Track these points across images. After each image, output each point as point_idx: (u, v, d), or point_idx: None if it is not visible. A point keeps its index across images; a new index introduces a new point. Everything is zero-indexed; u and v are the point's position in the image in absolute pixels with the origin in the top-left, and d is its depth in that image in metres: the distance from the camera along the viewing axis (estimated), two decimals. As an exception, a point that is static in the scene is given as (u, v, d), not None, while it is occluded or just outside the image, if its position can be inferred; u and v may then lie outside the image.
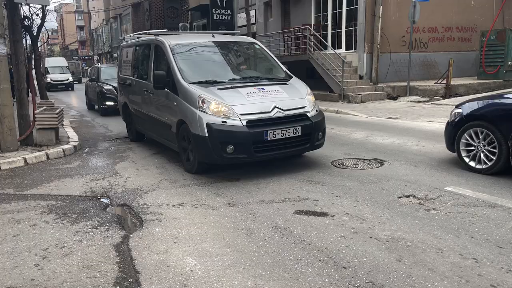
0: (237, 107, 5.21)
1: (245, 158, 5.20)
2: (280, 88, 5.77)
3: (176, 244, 3.50)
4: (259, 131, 5.11)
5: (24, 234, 3.86)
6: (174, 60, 6.06)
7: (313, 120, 5.55)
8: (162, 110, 6.44)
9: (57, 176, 5.96)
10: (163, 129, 6.49)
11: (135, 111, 7.85)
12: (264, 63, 7.01)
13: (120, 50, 8.96)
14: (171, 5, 36.68)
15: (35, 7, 12.79)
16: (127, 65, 8.30)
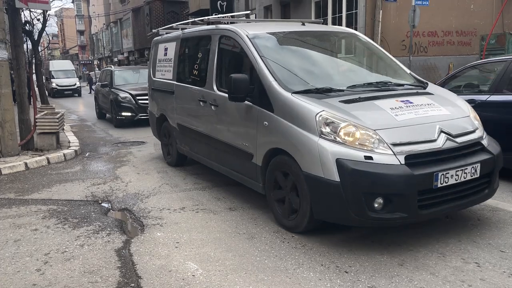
0: (385, 132, 3.32)
1: (404, 219, 3.22)
2: (432, 101, 3.84)
3: (177, 249, 3.50)
4: (426, 172, 3.18)
5: (25, 239, 3.85)
6: (261, 58, 4.13)
7: (493, 152, 3.64)
8: (235, 130, 4.50)
9: (58, 181, 5.96)
10: (234, 157, 4.57)
11: (181, 127, 5.82)
12: (381, 62, 5.14)
13: (153, 47, 6.99)
14: (171, 10, 36.80)
15: (36, 12, 12.88)
16: (166, 65, 6.33)
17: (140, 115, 11.06)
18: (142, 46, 40.46)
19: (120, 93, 11.47)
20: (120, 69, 13.92)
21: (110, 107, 11.95)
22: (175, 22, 28.73)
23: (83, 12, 67.83)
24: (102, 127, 12.10)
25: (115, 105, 11.39)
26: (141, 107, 10.94)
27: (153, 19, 36.80)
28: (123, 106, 11.18)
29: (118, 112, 11.29)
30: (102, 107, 13.40)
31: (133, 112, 11.09)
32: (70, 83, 29.99)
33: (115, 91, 11.72)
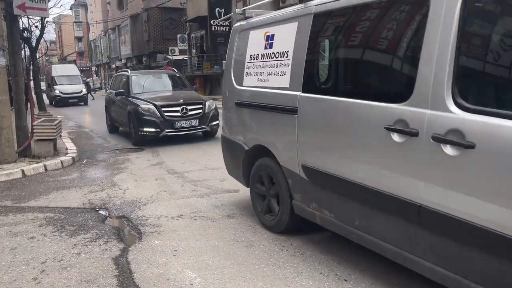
0: None
1: None
2: None
3: (175, 257, 3.47)
4: None
5: (22, 247, 3.82)
6: None
7: None
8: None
9: (55, 188, 5.93)
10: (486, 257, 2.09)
11: (314, 174, 3.25)
12: None
13: (235, 37, 4.50)
14: (169, 17, 36.95)
15: (34, 19, 12.90)
16: (272, 64, 3.72)
17: (167, 132, 8.97)
18: (140, 53, 40.58)
19: (140, 103, 9.25)
20: (138, 74, 11.54)
21: (127, 120, 9.67)
22: (173, 28, 28.28)
23: (81, 18, 67.99)
24: (100, 134, 12.04)
25: (135, 119, 9.10)
26: (167, 121, 8.96)
27: (151, 26, 36.93)
28: (145, 120, 8.93)
29: (138, 127, 9.02)
30: (116, 119, 11.15)
31: (157, 128, 8.92)
32: (75, 90, 26.41)
33: (134, 101, 9.51)
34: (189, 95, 10.09)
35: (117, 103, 10.68)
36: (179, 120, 9.01)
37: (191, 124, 9.09)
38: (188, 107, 9.16)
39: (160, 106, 9.07)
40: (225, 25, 23.26)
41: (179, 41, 30.68)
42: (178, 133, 9.08)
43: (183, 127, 9.06)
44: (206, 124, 9.31)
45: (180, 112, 9.03)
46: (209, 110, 9.42)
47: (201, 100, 9.72)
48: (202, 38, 27.16)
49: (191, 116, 9.13)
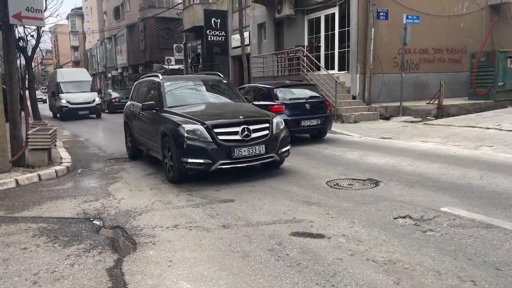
0: None
1: None
2: None
3: (170, 268, 3.44)
4: None
5: (15, 258, 3.77)
6: None
7: None
8: None
9: (49, 198, 5.87)
10: None
11: None
12: None
13: None
14: (165, 26, 37.12)
15: (30, 28, 12.89)
16: None
17: (221, 163, 6.07)
18: (136, 62, 40.64)
19: (182, 121, 6.39)
20: (172, 79, 8.20)
21: (160, 145, 6.85)
22: (169, 38, 28.40)
23: (77, 28, 68.12)
24: (95, 143, 11.96)
25: (174, 144, 6.27)
26: (222, 148, 6.06)
27: (147, 36, 37.06)
28: (189, 147, 6.08)
29: (180, 157, 6.16)
30: (140, 141, 8.29)
31: (208, 158, 6.03)
32: (86, 100, 21.83)
33: (170, 118, 6.69)
34: (248, 109, 7.17)
35: (142, 119, 7.89)
36: (238, 146, 6.07)
37: (255, 151, 6.15)
38: (251, 127, 6.25)
39: (211, 126, 6.14)
40: (221, 35, 23.37)
41: (175, 51, 30.76)
42: (237, 166, 6.16)
43: (244, 157, 6.10)
44: (275, 151, 6.39)
45: (240, 135, 6.11)
46: (278, 130, 6.54)
47: (266, 116, 6.70)
48: (198, 48, 27.26)
49: (256, 140, 6.21)
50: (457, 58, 16.56)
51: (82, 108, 21.67)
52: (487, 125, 10.66)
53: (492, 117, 11.98)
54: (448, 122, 12.05)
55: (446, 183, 5.73)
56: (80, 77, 23.55)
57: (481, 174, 6.08)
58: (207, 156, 6.03)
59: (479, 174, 6.09)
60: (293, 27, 18.15)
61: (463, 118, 12.47)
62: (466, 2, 16.36)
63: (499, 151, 7.74)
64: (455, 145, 8.66)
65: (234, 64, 23.61)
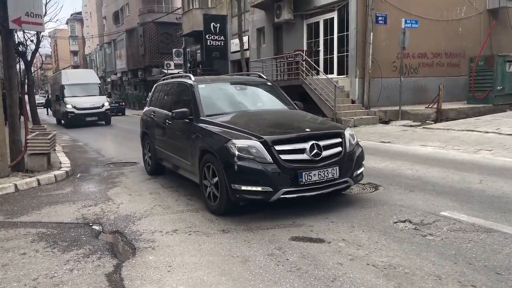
0: None
1: None
2: None
3: (169, 273, 3.43)
4: None
5: (14, 263, 3.75)
6: None
7: None
8: None
9: (48, 203, 5.86)
10: None
11: None
12: None
13: None
14: (165, 31, 37.24)
15: (29, 33, 12.93)
16: None
17: (286, 192, 4.57)
18: (136, 67, 40.73)
19: (229, 135, 4.88)
20: (208, 81, 6.50)
21: (199, 164, 5.30)
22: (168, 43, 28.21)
23: (77, 33, 68.29)
24: (94, 147, 11.95)
25: (222, 166, 4.74)
26: (286, 170, 4.56)
27: (146, 40, 37.16)
28: (243, 170, 4.57)
29: (229, 183, 4.65)
30: (164, 156, 6.89)
31: (268, 185, 4.52)
32: (95, 104, 19.51)
33: (212, 131, 5.19)
34: (311, 118, 5.79)
35: (169, 130, 6.53)
36: (307, 169, 4.58)
37: (327, 175, 4.66)
38: (321, 143, 4.75)
39: (271, 141, 4.62)
40: (220, 39, 23.43)
41: (174, 55, 30.86)
42: (305, 194, 4.63)
43: (314, 183, 4.61)
44: (349, 174, 4.91)
45: (307, 153, 4.63)
46: (351, 146, 5.07)
47: (337, 128, 5.30)
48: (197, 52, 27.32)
49: (327, 159, 4.73)
50: (456, 62, 16.61)
51: (90, 114, 19.29)
52: (486, 129, 10.67)
53: (491, 121, 11.99)
54: (447, 126, 12.06)
55: (445, 187, 5.73)
56: (87, 79, 21.05)
57: (481, 178, 6.08)
58: (266, 182, 4.48)
59: (478, 178, 6.09)
60: (292, 31, 18.20)
61: (462, 122, 12.49)
62: (464, 7, 16.43)
63: (499, 155, 7.75)
64: (455, 149, 8.67)
65: (233, 68, 23.66)
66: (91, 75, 22.33)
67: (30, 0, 7.41)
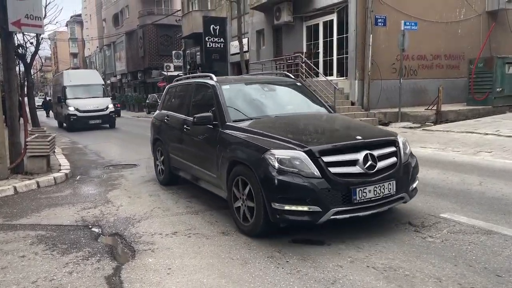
0: None
1: None
2: None
3: (169, 275, 3.42)
4: None
5: (13, 266, 3.74)
6: None
7: None
8: None
9: (48, 205, 5.85)
10: None
11: None
12: None
13: None
14: (164, 33, 37.30)
15: (29, 35, 12.94)
16: None
17: (337, 211, 3.86)
18: (135, 69, 40.78)
19: (265, 144, 4.19)
20: (232, 83, 5.71)
21: (227, 177, 4.62)
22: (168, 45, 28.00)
23: (76, 35, 68.37)
24: (94, 149, 11.94)
25: (259, 181, 4.02)
26: (338, 186, 3.88)
27: (146, 42, 37.20)
28: (286, 186, 3.87)
29: (271, 201, 3.91)
30: (181, 166, 6.16)
31: (316, 203, 3.81)
32: (98, 106, 18.60)
33: (243, 139, 4.52)
34: (358, 125, 5.17)
35: (188, 137, 5.78)
36: (361, 184, 3.92)
37: (383, 191, 4.00)
38: (375, 153, 4.10)
39: (318, 152, 3.95)
40: (220, 42, 23.46)
41: (174, 57, 30.88)
42: (359, 214, 3.96)
43: (369, 200, 3.95)
44: (405, 188, 4.26)
45: (360, 165, 3.98)
46: (406, 156, 4.44)
47: (389, 135, 4.59)
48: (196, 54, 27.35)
49: (382, 172, 4.07)
50: (455, 64, 16.62)
51: (94, 117, 18.38)
52: (485, 131, 10.67)
53: (490, 123, 12.00)
54: (446, 128, 12.07)
55: (445, 189, 5.72)
56: (90, 80, 20.06)
57: (481, 180, 6.08)
58: (314, 201, 3.79)
59: (478, 180, 6.09)
60: (291, 33, 18.22)
61: (461, 124, 12.49)
62: (463, 9, 16.45)
63: (498, 157, 7.75)
64: (454, 151, 8.67)
65: (233, 70, 23.68)
66: (94, 76, 21.33)
67: (30, 3, 7.41)
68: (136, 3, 39.11)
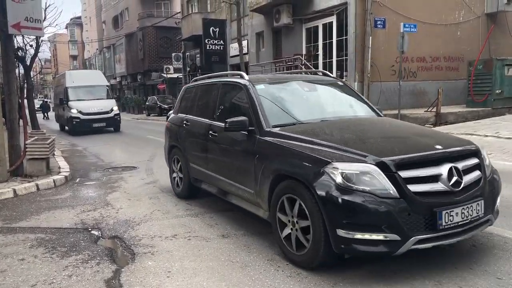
0: None
1: None
2: None
3: (169, 279, 3.41)
4: None
5: (12, 269, 3.74)
6: None
7: None
8: None
9: (47, 208, 5.84)
10: None
11: None
12: None
13: None
14: (164, 35, 37.33)
15: (29, 38, 12.97)
16: None
17: (420, 240, 3.11)
18: (135, 71, 40.80)
19: (323, 155, 3.38)
20: (267, 83, 4.86)
21: (268, 194, 3.87)
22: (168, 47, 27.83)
23: (76, 37, 68.41)
24: (93, 152, 11.94)
25: (321, 201, 3.19)
26: (420, 207, 3.12)
27: (146, 45, 37.22)
28: (355, 208, 3.09)
29: (335, 227, 3.13)
30: (206, 177, 5.35)
31: (393, 230, 3.06)
32: (102, 109, 17.71)
33: (294, 149, 3.66)
34: (430, 132, 4.47)
35: (213, 145, 5.02)
36: (448, 206, 3.20)
37: (471, 213, 3.31)
38: (459, 165, 3.40)
39: (395, 164, 3.20)
40: (219, 44, 23.48)
41: (173, 60, 30.92)
42: (444, 243, 3.27)
43: (456, 225, 3.23)
44: (491, 208, 3.62)
45: (444, 182, 3.25)
46: (488, 168, 3.78)
47: (468, 143, 3.86)
48: (196, 56, 27.37)
49: (469, 190, 3.39)
50: (455, 66, 16.64)
51: (97, 120, 17.46)
52: (485, 133, 10.68)
53: (490, 125, 12.00)
54: (446, 129, 12.06)
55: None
56: (94, 81, 19.03)
57: (480, 182, 6.06)
58: (392, 227, 3.06)
59: (478, 182, 6.07)
60: (291, 35, 18.25)
61: (461, 126, 12.50)
62: (462, 11, 16.48)
63: (498, 159, 7.74)
64: (454, 153, 8.65)
65: (232, 72, 23.68)
66: (98, 76, 20.13)
67: (30, 5, 7.43)
68: (136, 5, 39.16)
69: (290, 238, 3.61)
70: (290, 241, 3.61)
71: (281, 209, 3.70)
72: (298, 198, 3.46)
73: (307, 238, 3.42)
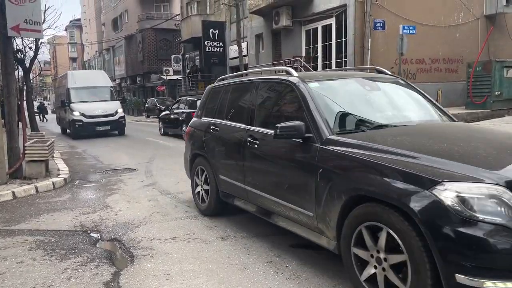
0: None
1: None
2: None
3: (168, 281, 3.40)
4: None
5: (11, 272, 3.72)
6: None
7: None
8: None
9: (46, 210, 5.83)
10: None
11: None
12: None
13: None
14: (163, 37, 37.34)
15: (28, 40, 12.96)
16: None
17: None
18: (135, 73, 40.81)
19: (426, 173, 2.53)
20: (322, 80, 4.05)
21: (338, 222, 3.05)
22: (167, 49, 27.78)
23: (76, 39, 68.48)
24: (93, 154, 11.94)
25: (432, 235, 2.37)
26: None
27: (145, 47, 37.25)
28: (484, 245, 2.25)
29: (454, 271, 2.31)
30: (239, 192, 4.55)
31: None
32: (106, 111, 16.59)
33: (379, 162, 2.80)
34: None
35: (254, 156, 4.20)
36: None
37: None
38: None
39: None
40: (219, 46, 23.50)
41: (173, 62, 30.92)
42: None
43: None
44: None
45: None
46: None
47: None
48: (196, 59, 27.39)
49: None
50: (454, 68, 16.66)
51: (101, 123, 16.37)
52: (484, 135, 10.66)
53: (489, 126, 12.01)
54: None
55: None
56: (97, 82, 17.88)
57: (480, 184, 6.06)
58: None
59: (477, 184, 6.07)
60: (290, 37, 18.26)
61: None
62: (461, 13, 16.52)
63: (497, 161, 7.74)
64: (453, 154, 8.65)
65: (232, 74, 23.68)
66: (102, 77, 18.79)
67: (29, 8, 7.42)
68: (135, 7, 39.20)
69: (374, 280, 2.78)
70: (374, 285, 2.77)
71: (358, 242, 2.89)
72: (385, 226, 2.66)
73: (400, 278, 2.62)
